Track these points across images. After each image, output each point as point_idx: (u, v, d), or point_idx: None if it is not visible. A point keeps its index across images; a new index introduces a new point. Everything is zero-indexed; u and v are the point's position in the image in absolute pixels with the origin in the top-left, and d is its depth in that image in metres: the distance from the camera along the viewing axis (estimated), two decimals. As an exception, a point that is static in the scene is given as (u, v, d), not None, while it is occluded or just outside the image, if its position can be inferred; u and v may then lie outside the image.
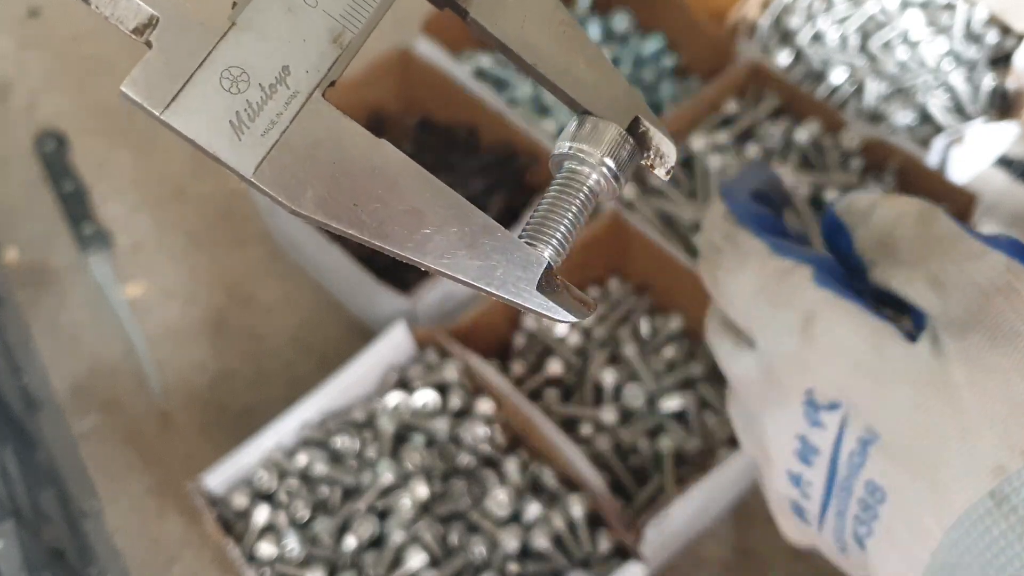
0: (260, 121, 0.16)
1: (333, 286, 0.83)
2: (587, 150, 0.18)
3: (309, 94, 0.16)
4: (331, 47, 0.16)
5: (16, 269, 0.87)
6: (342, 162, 0.16)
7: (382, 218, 0.16)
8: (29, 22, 1.09)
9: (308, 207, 0.16)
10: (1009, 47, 0.91)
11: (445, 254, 0.17)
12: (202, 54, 0.16)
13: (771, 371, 0.25)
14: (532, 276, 0.17)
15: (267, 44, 0.16)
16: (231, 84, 0.16)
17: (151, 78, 0.16)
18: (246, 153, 0.16)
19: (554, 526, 0.61)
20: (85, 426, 0.77)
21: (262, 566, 0.62)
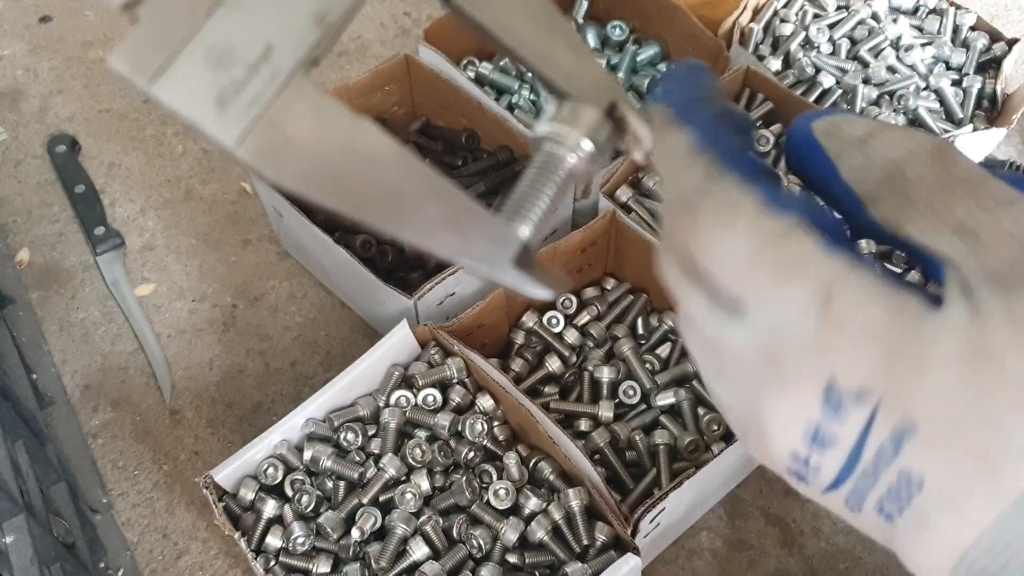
0: (244, 97, 0.16)
1: (338, 286, 0.84)
2: (565, 132, 0.18)
3: (292, 72, 0.16)
4: (314, 27, 0.17)
5: (29, 269, 0.89)
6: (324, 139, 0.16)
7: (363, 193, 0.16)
8: (40, 28, 1.11)
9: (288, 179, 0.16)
10: (998, 52, 0.92)
11: (425, 230, 0.17)
12: (189, 30, 0.16)
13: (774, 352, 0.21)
14: (508, 252, 0.17)
15: (252, 22, 0.16)
16: (217, 60, 0.16)
17: (138, 52, 0.16)
18: (230, 126, 0.16)
19: (553, 519, 0.63)
20: (95, 422, 0.78)
21: (269, 558, 0.63)
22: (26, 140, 0.99)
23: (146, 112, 1.02)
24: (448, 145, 0.89)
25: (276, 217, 0.85)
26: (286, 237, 0.87)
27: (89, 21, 1.11)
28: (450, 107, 0.88)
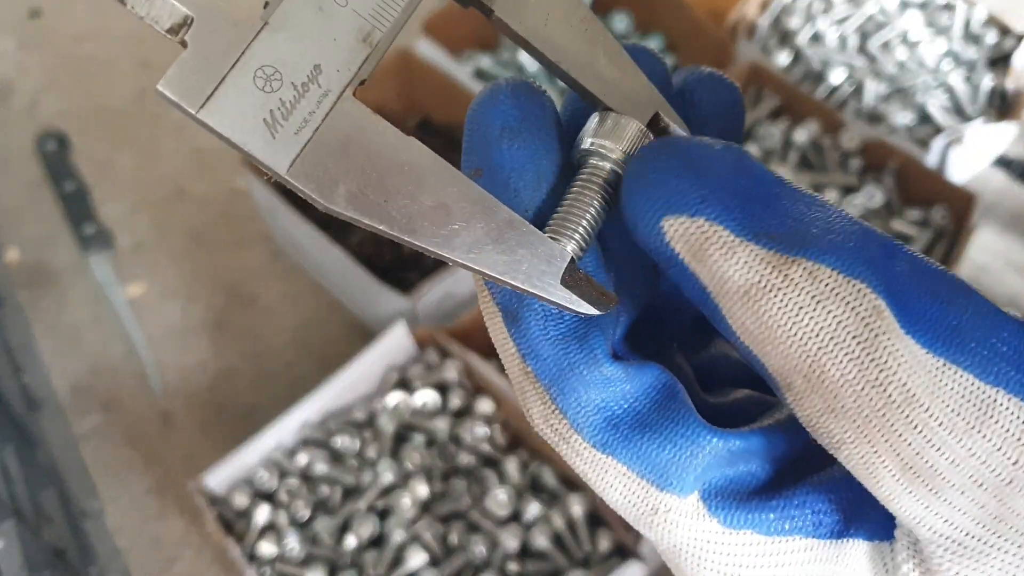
0: (293, 119, 0.16)
1: (334, 286, 0.83)
2: (608, 145, 0.18)
3: (340, 93, 0.16)
4: (361, 46, 0.17)
5: (17, 269, 0.87)
6: (372, 159, 0.16)
7: (411, 213, 0.16)
8: (30, 23, 1.09)
9: (340, 203, 0.16)
10: (1008, 47, 0.91)
11: (472, 249, 0.17)
12: (236, 53, 0.16)
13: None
14: (556, 270, 0.17)
15: (299, 43, 0.16)
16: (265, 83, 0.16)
17: (186, 77, 0.16)
18: (280, 151, 0.16)
19: (554, 525, 0.62)
20: (86, 426, 0.77)
21: (263, 565, 0.62)
22: (15, 137, 0.97)
23: (138, 109, 1.00)
24: (447, 141, 0.87)
25: (271, 216, 0.83)
26: (281, 236, 0.85)
27: (80, 15, 1.10)
28: (449, 101, 0.87)
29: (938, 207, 0.80)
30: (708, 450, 0.17)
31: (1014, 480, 0.15)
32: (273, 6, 0.17)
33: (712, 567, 0.18)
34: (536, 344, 0.18)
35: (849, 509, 0.18)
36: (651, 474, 0.17)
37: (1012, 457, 0.15)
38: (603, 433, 0.17)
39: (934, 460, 0.15)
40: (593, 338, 0.18)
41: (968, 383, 0.15)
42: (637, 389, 0.18)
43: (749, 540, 0.18)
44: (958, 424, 0.15)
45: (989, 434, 0.15)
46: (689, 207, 0.16)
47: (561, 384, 0.17)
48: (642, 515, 0.18)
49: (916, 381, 0.15)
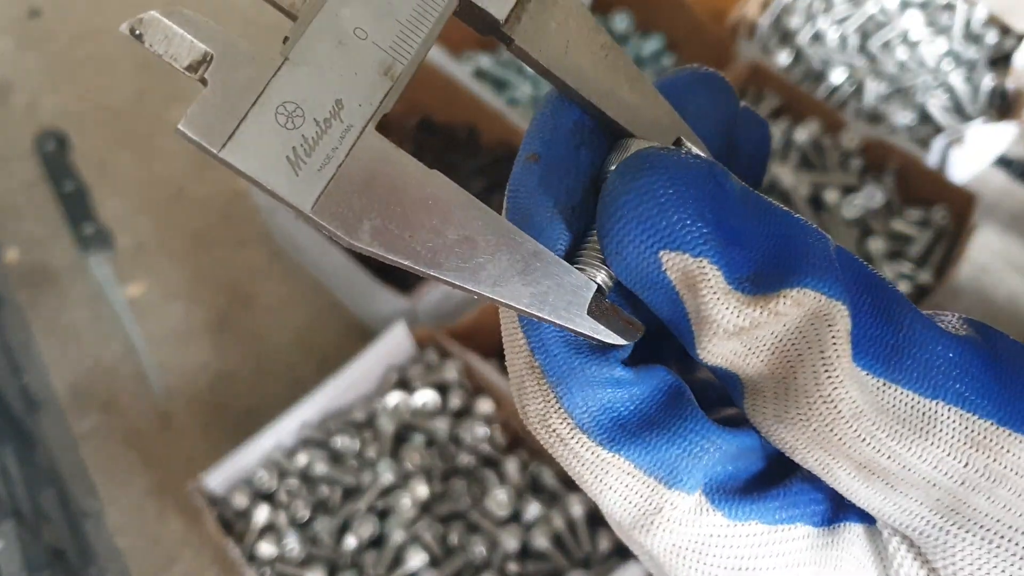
0: (316, 156, 0.16)
1: (334, 286, 0.83)
2: None
3: (363, 128, 0.16)
4: (382, 80, 0.17)
5: (17, 269, 0.87)
6: (396, 194, 0.16)
7: (436, 248, 0.16)
8: (30, 23, 1.09)
9: (365, 239, 0.16)
10: (1009, 47, 0.91)
11: (498, 282, 0.17)
12: (257, 90, 0.16)
13: None
14: (582, 301, 0.17)
15: (320, 78, 0.16)
16: (287, 119, 0.16)
17: (208, 116, 0.16)
18: (304, 189, 0.16)
19: (554, 526, 0.61)
20: (85, 426, 0.77)
21: (262, 566, 0.62)
22: (14, 137, 0.97)
23: (138, 109, 1.00)
24: (448, 141, 0.87)
25: (271, 216, 0.83)
26: (281, 236, 0.85)
27: (80, 15, 1.09)
28: (449, 101, 0.87)
29: (938, 207, 0.79)
30: (719, 445, 0.18)
31: (966, 481, 0.16)
32: (293, 41, 0.16)
33: (716, 562, 0.18)
34: (548, 340, 0.18)
35: (838, 497, 0.18)
36: (660, 470, 0.17)
37: (961, 460, 0.16)
38: (610, 431, 0.17)
39: (886, 465, 0.16)
40: None
41: (909, 399, 0.16)
42: (645, 390, 0.18)
43: (754, 531, 0.18)
44: (905, 435, 0.16)
45: (936, 442, 0.16)
46: (692, 246, 0.16)
47: (569, 382, 0.17)
48: (643, 515, 0.18)
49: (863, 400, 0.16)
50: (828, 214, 0.80)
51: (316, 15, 0.17)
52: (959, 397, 0.16)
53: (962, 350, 0.16)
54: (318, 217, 0.16)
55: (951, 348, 0.16)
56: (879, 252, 0.77)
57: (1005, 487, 0.16)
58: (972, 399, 0.16)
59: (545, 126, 0.19)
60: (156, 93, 1.02)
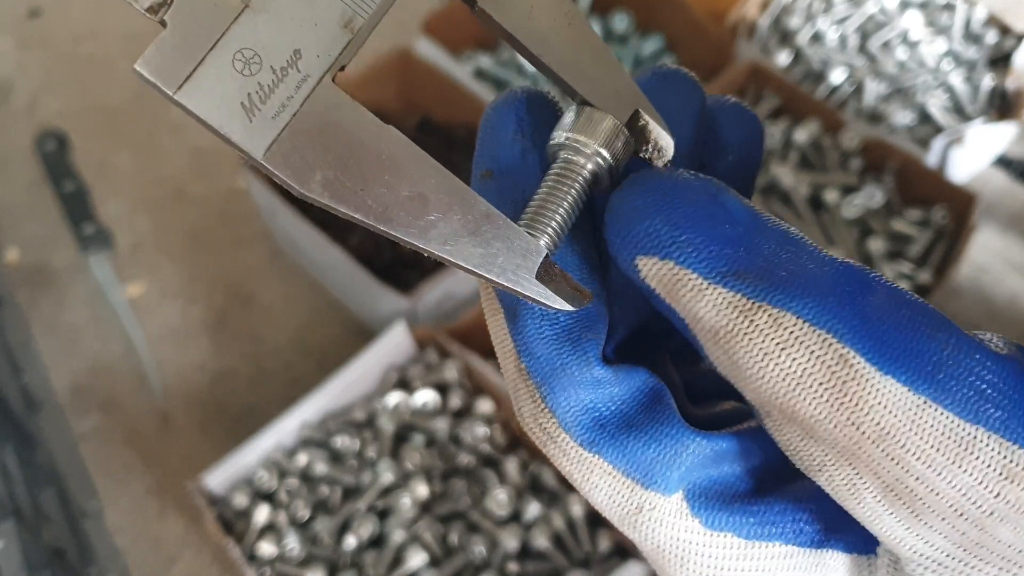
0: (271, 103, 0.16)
1: (333, 286, 0.83)
2: (582, 140, 0.18)
3: (320, 78, 0.16)
4: (342, 32, 0.17)
5: (17, 269, 0.87)
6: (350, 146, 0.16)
7: (387, 203, 0.16)
8: (29, 22, 1.09)
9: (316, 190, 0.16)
10: (1008, 47, 0.91)
11: (448, 240, 0.17)
12: (216, 35, 0.16)
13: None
14: (531, 265, 0.17)
15: (280, 26, 0.16)
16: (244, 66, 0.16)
17: (165, 58, 0.16)
18: (257, 135, 0.16)
19: (554, 526, 0.61)
20: (85, 426, 0.77)
21: (262, 565, 0.62)
22: (14, 137, 0.97)
23: (137, 108, 1.00)
24: (447, 140, 0.87)
25: (270, 216, 0.83)
26: (281, 236, 0.85)
27: (79, 15, 1.09)
28: (448, 101, 0.87)
29: (938, 207, 0.79)
30: (692, 449, 0.18)
31: (995, 512, 0.16)
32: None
33: (693, 567, 0.18)
34: (531, 342, 0.18)
35: (830, 520, 0.18)
36: (636, 472, 0.18)
37: (994, 491, 0.15)
38: (590, 432, 0.18)
39: (915, 488, 0.16)
40: (586, 341, 0.18)
41: (948, 421, 0.15)
42: (625, 392, 0.18)
43: (729, 543, 0.18)
44: (938, 459, 0.15)
45: (971, 469, 0.15)
46: (659, 249, 0.16)
47: (552, 383, 0.18)
48: (627, 514, 0.18)
49: (893, 419, 0.15)
50: (828, 214, 0.80)
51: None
52: (1001, 425, 0.15)
53: (1007, 374, 0.16)
54: (269, 164, 0.16)
55: (995, 371, 0.16)
56: (879, 252, 0.77)
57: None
58: (1012, 426, 0.15)
59: (489, 141, 0.19)
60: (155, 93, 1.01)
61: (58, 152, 0.94)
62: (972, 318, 0.78)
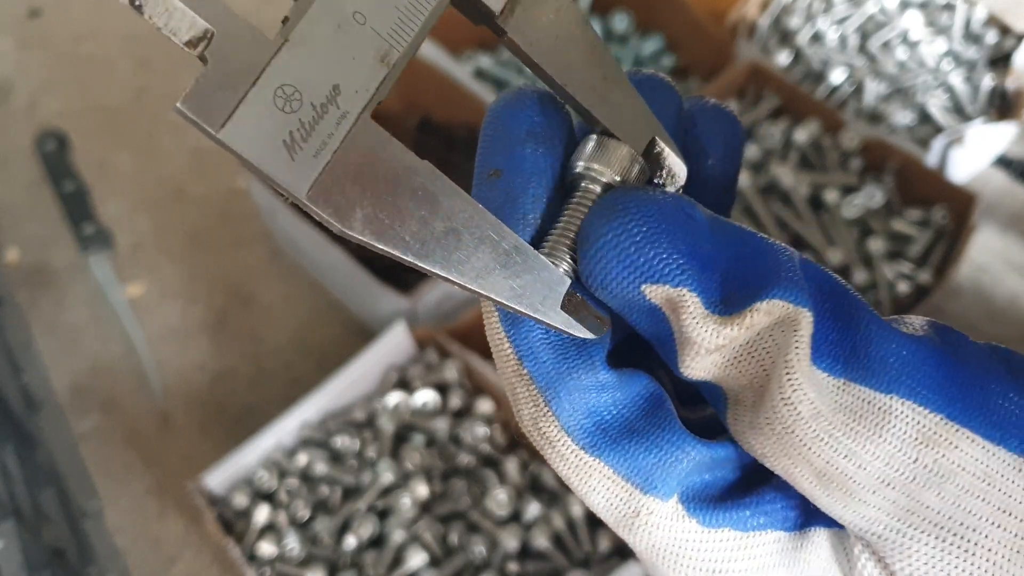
0: (312, 141, 0.16)
1: (333, 286, 0.83)
2: (598, 169, 0.19)
3: (358, 115, 0.16)
4: (379, 66, 0.17)
5: (17, 269, 0.87)
6: (387, 182, 0.17)
7: (424, 238, 0.17)
8: (30, 23, 1.09)
9: (357, 227, 0.16)
10: (1008, 47, 0.91)
11: (480, 274, 0.17)
12: (256, 70, 0.16)
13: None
14: (557, 296, 0.18)
15: (318, 62, 0.16)
16: (285, 103, 0.16)
17: (206, 96, 0.16)
18: (300, 174, 0.16)
19: (554, 526, 0.61)
20: (85, 426, 0.77)
21: (262, 565, 0.62)
22: (15, 137, 0.97)
23: (137, 108, 1.00)
24: (447, 140, 0.87)
25: (270, 216, 0.83)
26: (280, 236, 0.85)
27: (79, 15, 1.09)
28: (449, 101, 0.87)
29: (938, 207, 0.79)
30: (692, 456, 0.18)
31: (917, 477, 0.17)
32: (293, 22, 0.16)
33: (692, 565, 0.19)
34: (536, 347, 0.18)
35: (809, 503, 0.19)
36: (636, 477, 0.18)
37: (912, 456, 0.17)
38: (592, 436, 0.18)
39: (843, 467, 0.17)
40: (591, 346, 0.18)
41: (864, 395, 0.17)
42: (627, 396, 0.18)
43: (727, 537, 0.19)
44: (861, 432, 0.17)
45: (889, 437, 0.17)
46: (671, 278, 0.17)
47: (557, 387, 0.18)
48: (624, 517, 0.19)
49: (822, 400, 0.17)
50: (828, 214, 0.80)
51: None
52: (911, 391, 0.17)
53: (916, 348, 0.17)
54: (313, 204, 0.16)
55: (905, 346, 0.17)
56: (879, 252, 0.77)
57: (954, 483, 0.17)
58: (923, 393, 0.17)
59: (499, 139, 0.19)
60: (156, 93, 1.02)
61: (58, 152, 0.94)
62: (972, 318, 0.78)
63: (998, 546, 0.17)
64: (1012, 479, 0.17)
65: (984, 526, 0.17)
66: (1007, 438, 0.17)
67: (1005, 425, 0.17)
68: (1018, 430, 0.17)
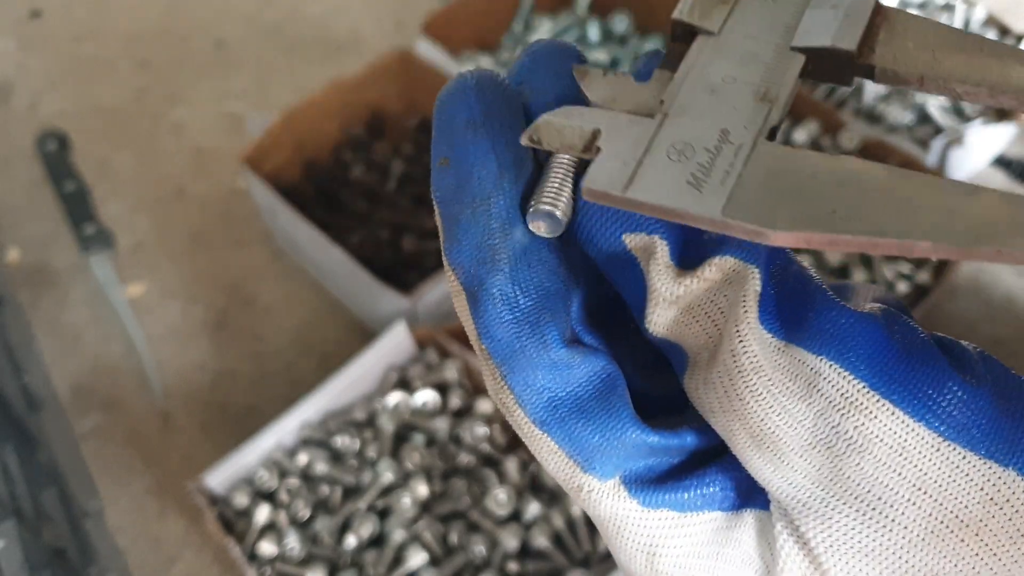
0: (715, 174, 0.17)
1: (333, 286, 0.83)
2: None
3: (754, 142, 0.17)
4: (760, 104, 0.18)
5: (18, 269, 0.87)
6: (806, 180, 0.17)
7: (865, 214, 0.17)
8: (31, 23, 1.09)
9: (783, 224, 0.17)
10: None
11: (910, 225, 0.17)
12: (645, 143, 0.18)
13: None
14: None
15: (701, 120, 0.18)
16: (678, 155, 0.17)
17: (606, 171, 0.17)
18: (710, 201, 0.17)
19: (554, 525, 0.62)
20: (86, 426, 0.77)
21: (263, 565, 0.62)
22: (15, 137, 0.97)
23: (138, 109, 1.00)
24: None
25: (271, 216, 0.83)
26: (281, 236, 0.85)
27: (80, 15, 1.10)
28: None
29: (937, 207, 0.80)
30: (633, 442, 0.19)
31: (838, 444, 0.17)
32: (669, 101, 0.18)
33: (630, 540, 0.20)
34: (491, 326, 0.19)
35: (748, 484, 0.20)
36: (578, 456, 0.19)
37: (835, 420, 0.17)
38: (543, 412, 0.19)
39: (775, 425, 0.18)
40: (545, 324, 0.19)
41: (800, 355, 0.18)
42: (581, 375, 0.19)
43: (666, 516, 0.19)
44: (794, 391, 0.17)
45: (817, 398, 0.17)
46: (647, 227, 0.18)
47: (511, 364, 0.19)
48: (569, 489, 0.20)
49: (765, 358, 0.18)
50: (827, 214, 0.80)
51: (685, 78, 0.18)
52: (839, 356, 0.17)
53: (855, 320, 0.18)
54: (729, 218, 0.17)
55: (844, 316, 0.18)
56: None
57: (872, 455, 0.17)
58: (851, 359, 0.17)
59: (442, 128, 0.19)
60: (156, 93, 1.02)
61: (59, 152, 0.95)
62: (970, 318, 0.78)
63: (913, 523, 0.17)
64: (929, 457, 0.17)
65: (899, 502, 0.17)
66: (928, 416, 0.17)
67: (928, 404, 0.17)
68: (942, 410, 0.17)
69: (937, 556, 0.17)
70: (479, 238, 0.18)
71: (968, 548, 0.17)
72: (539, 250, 0.19)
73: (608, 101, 0.18)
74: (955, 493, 0.17)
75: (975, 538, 0.17)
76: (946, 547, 0.17)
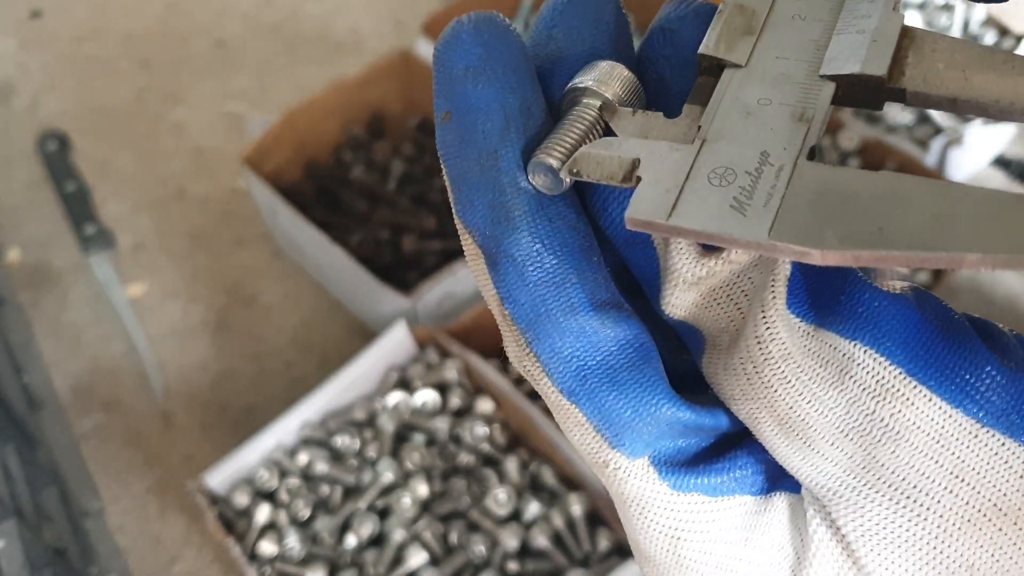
0: (758, 197, 0.17)
1: (334, 286, 0.83)
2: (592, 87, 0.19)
3: (795, 162, 0.17)
4: (798, 125, 0.18)
5: (18, 269, 0.87)
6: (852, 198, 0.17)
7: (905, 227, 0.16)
8: (31, 23, 1.09)
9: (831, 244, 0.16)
10: (1007, 47, 0.91)
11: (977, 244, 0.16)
12: (685, 170, 0.18)
13: None
14: None
15: (739, 144, 0.18)
16: (719, 180, 0.17)
17: (648, 200, 0.17)
18: (755, 224, 0.17)
19: (554, 525, 0.62)
20: (87, 426, 0.77)
21: (263, 564, 0.62)
22: (16, 137, 0.97)
23: (138, 109, 1.00)
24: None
25: (271, 216, 0.83)
26: (281, 236, 0.86)
27: (80, 15, 1.10)
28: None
29: (937, 207, 0.80)
30: (664, 420, 0.18)
31: (873, 431, 0.17)
32: (705, 128, 0.18)
33: (655, 523, 0.19)
34: (513, 289, 0.18)
35: (776, 466, 0.19)
36: (607, 431, 0.18)
37: (870, 407, 0.17)
38: (572, 380, 0.18)
39: (805, 413, 0.17)
40: (571, 285, 0.17)
41: (832, 340, 0.17)
42: (612, 343, 0.18)
43: (696, 500, 0.18)
44: (825, 377, 0.17)
45: (850, 384, 0.17)
46: None
47: (536, 329, 0.18)
48: (594, 464, 0.19)
49: (793, 344, 0.17)
50: (827, 214, 0.80)
51: (719, 104, 0.18)
52: (874, 340, 0.17)
53: (889, 302, 0.17)
54: (777, 240, 0.16)
55: (878, 299, 0.17)
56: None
57: (908, 442, 0.17)
58: (886, 344, 0.17)
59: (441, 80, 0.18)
60: (156, 93, 1.02)
61: (59, 152, 0.95)
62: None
63: (949, 512, 0.17)
64: (967, 444, 0.16)
65: (936, 490, 0.17)
66: (966, 402, 0.16)
67: (966, 389, 0.16)
68: (980, 395, 0.16)
69: (974, 546, 0.17)
70: (491, 196, 0.17)
71: (1006, 537, 0.17)
72: (556, 205, 0.18)
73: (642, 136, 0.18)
74: (993, 481, 0.16)
75: (1013, 527, 0.17)
76: (983, 536, 0.17)
